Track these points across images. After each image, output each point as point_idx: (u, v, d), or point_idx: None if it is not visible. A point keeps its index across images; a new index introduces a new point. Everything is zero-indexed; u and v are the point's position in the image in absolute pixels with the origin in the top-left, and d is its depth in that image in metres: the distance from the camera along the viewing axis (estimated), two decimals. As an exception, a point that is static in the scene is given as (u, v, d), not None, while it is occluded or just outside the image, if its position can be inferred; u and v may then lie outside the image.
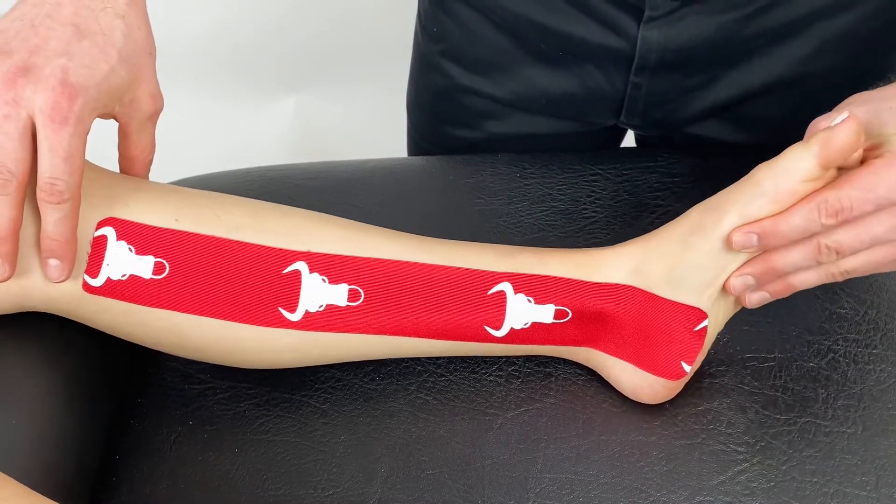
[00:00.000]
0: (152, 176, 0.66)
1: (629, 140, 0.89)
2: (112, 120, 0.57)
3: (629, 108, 0.75)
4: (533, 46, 0.73)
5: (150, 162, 0.60)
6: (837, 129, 0.53)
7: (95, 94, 0.52)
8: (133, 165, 0.59)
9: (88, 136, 0.52)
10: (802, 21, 0.67)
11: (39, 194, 0.52)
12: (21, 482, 0.47)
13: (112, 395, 0.63)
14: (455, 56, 0.78)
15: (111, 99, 0.53)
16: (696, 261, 0.58)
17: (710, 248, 0.57)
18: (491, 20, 0.74)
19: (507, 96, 0.78)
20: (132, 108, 0.56)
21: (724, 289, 0.58)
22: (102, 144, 0.63)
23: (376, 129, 1.43)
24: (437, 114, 0.84)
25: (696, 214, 0.58)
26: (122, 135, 0.58)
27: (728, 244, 0.56)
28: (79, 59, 0.52)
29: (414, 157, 0.82)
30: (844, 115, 0.53)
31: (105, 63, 0.53)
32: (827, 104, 0.73)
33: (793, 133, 0.74)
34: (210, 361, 0.60)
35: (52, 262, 0.54)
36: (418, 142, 0.89)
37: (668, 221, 0.62)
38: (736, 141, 0.77)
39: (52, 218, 0.52)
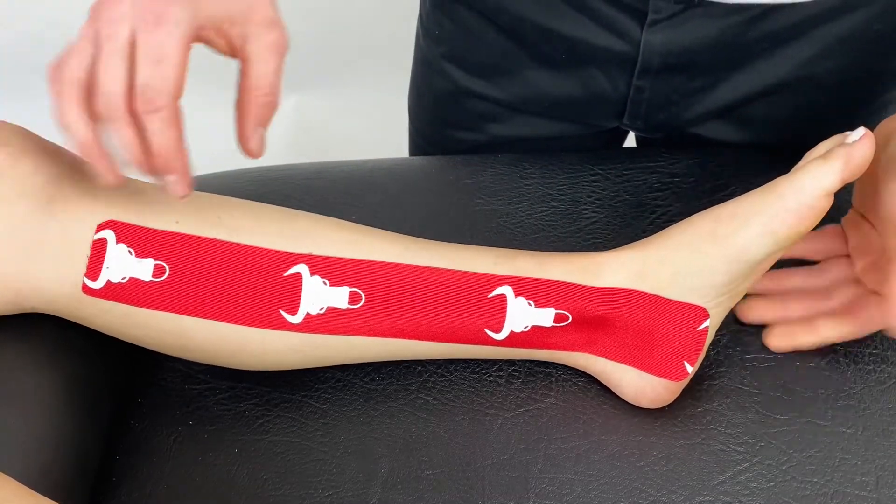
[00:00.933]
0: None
1: (630, 141, 0.89)
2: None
3: (632, 111, 0.75)
4: (535, 49, 0.73)
5: (268, 105, 0.53)
6: (857, 144, 0.55)
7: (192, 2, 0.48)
8: (246, 103, 0.53)
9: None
10: (805, 24, 0.67)
11: (136, 106, 0.49)
12: (21, 482, 0.47)
13: (112, 395, 0.63)
14: (457, 58, 0.78)
15: (218, 8, 0.49)
16: (708, 267, 0.58)
17: (724, 255, 0.57)
18: (493, 23, 0.74)
19: (510, 99, 0.78)
20: (246, 30, 0.51)
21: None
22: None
23: (376, 129, 1.43)
24: (438, 116, 0.84)
25: (707, 222, 0.58)
26: (242, 65, 0.53)
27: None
28: None
29: (414, 158, 0.82)
30: (862, 131, 0.55)
31: None
32: (830, 106, 0.74)
33: (794, 133, 0.74)
34: (211, 363, 0.60)
35: (169, 178, 0.51)
36: (420, 144, 0.89)
37: (668, 221, 0.62)
38: (737, 141, 0.77)
39: (150, 129, 0.49)
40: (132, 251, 0.56)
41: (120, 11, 0.48)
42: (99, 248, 0.55)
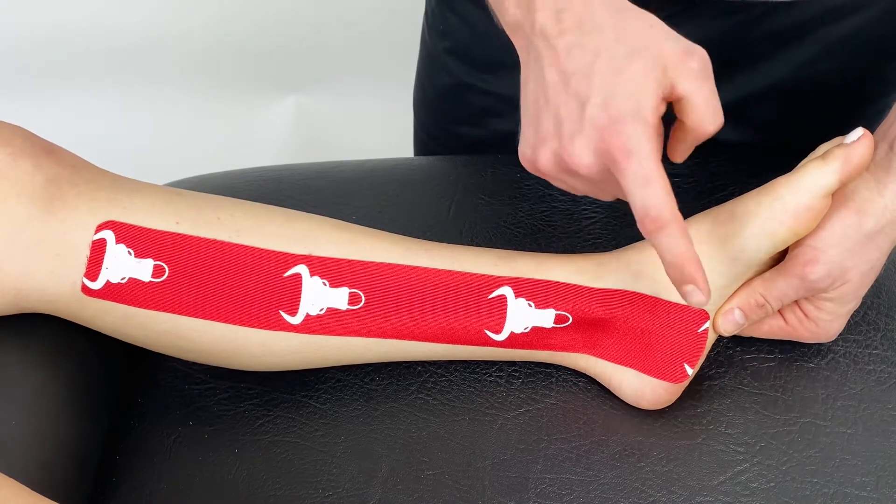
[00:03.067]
0: (152, 175, 0.66)
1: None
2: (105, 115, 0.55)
3: None
4: None
5: (717, 123, 0.52)
6: (855, 145, 0.55)
7: (636, 110, 0.49)
8: (692, 136, 0.53)
9: (88, 138, 0.52)
10: (807, 25, 0.67)
11: (641, 228, 0.50)
12: (21, 482, 0.47)
13: (112, 395, 0.63)
14: (461, 54, 0.78)
15: (655, 97, 0.49)
16: (707, 268, 0.57)
17: (723, 256, 0.58)
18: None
19: (513, 95, 0.78)
20: (673, 77, 0.50)
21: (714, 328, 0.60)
22: (103, 144, 0.63)
23: (376, 129, 1.43)
24: (442, 111, 0.84)
25: (705, 223, 0.58)
26: (676, 105, 0.52)
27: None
28: (601, 95, 0.49)
29: (414, 158, 0.82)
30: (860, 132, 0.55)
31: (623, 78, 0.49)
32: (831, 108, 0.74)
33: (795, 134, 0.74)
34: (211, 364, 0.60)
35: (688, 287, 0.52)
36: (424, 140, 0.89)
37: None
38: (738, 141, 0.77)
39: (660, 245, 0.51)
40: (132, 251, 0.56)
41: (589, 163, 0.50)
42: (98, 249, 0.55)
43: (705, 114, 0.51)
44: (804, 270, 0.57)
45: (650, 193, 0.49)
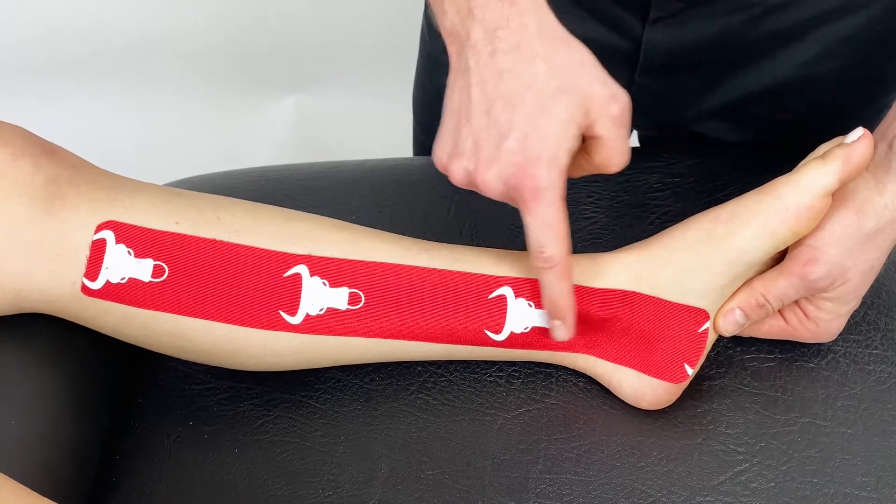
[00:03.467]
0: (152, 175, 0.66)
1: (633, 141, 0.89)
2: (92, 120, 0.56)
3: (634, 109, 0.75)
4: None
5: (621, 165, 0.56)
6: (855, 145, 0.55)
7: (552, 153, 0.52)
8: (591, 170, 0.56)
9: (88, 138, 0.52)
10: (808, 24, 0.67)
11: (532, 259, 0.55)
12: (21, 482, 0.46)
13: (112, 395, 0.63)
14: None
15: (573, 140, 0.52)
16: (709, 268, 0.58)
17: (723, 256, 0.58)
18: None
19: None
20: (592, 119, 0.53)
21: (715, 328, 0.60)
22: (103, 144, 0.63)
23: (376, 129, 1.43)
24: (441, 111, 0.84)
25: (706, 223, 0.58)
26: (589, 141, 0.55)
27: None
28: (522, 130, 0.52)
29: (414, 158, 0.82)
30: (860, 131, 0.55)
31: (546, 118, 0.52)
32: (831, 107, 0.74)
33: (795, 134, 0.74)
34: (210, 364, 0.60)
35: (556, 322, 0.58)
36: (424, 141, 0.89)
37: (668, 222, 0.62)
38: (739, 140, 0.77)
39: (544, 281, 0.56)
40: (131, 251, 0.56)
41: (495, 190, 0.54)
42: (98, 249, 0.55)
43: (613, 156, 0.54)
44: (804, 270, 0.57)
45: (550, 236, 0.54)
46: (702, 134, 0.77)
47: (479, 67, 0.53)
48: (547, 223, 0.53)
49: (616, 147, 0.54)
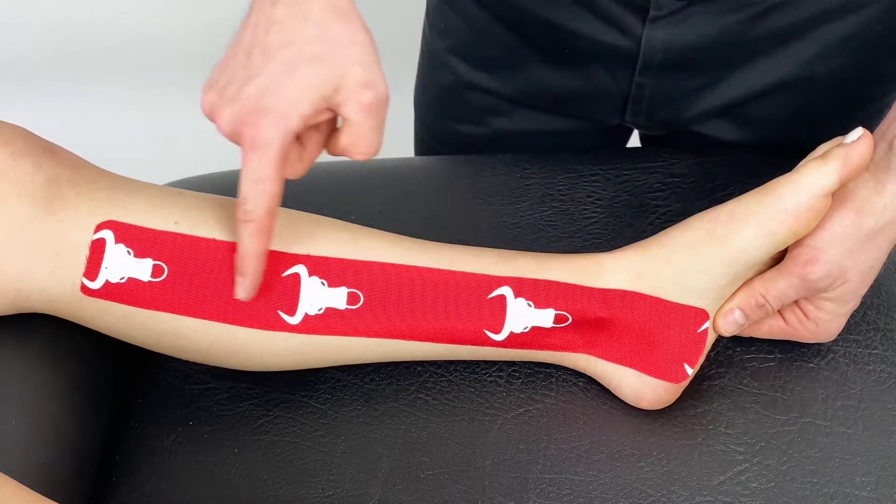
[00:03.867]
0: (152, 175, 0.66)
1: (634, 140, 0.89)
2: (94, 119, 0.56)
3: (633, 108, 0.75)
4: (539, 44, 0.74)
5: (366, 156, 0.55)
6: (855, 145, 0.55)
7: (283, 112, 0.51)
8: (343, 153, 0.56)
9: (88, 138, 0.52)
10: (807, 23, 0.67)
11: (236, 211, 0.54)
12: (21, 482, 0.47)
13: (112, 395, 0.63)
14: (462, 52, 0.78)
15: (310, 99, 0.52)
16: (707, 267, 0.58)
17: (723, 256, 0.57)
18: (498, 17, 0.74)
19: (513, 93, 0.78)
20: (339, 98, 0.53)
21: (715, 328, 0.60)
22: (103, 144, 0.63)
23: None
24: (442, 110, 0.84)
25: (705, 223, 0.58)
26: (343, 122, 0.55)
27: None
28: (266, 80, 0.52)
29: (414, 158, 0.82)
30: (860, 131, 0.55)
31: (292, 77, 0.51)
32: (831, 107, 0.74)
33: (794, 133, 0.74)
34: (210, 364, 0.60)
35: (238, 278, 0.56)
36: (424, 139, 0.89)
37: (668, 222, 0.62)
38: (739, 140, 0.77)
39: (240, 235, 0.55)
40: (131, 251, 0.56)
41: (225, 129, 0.53)
42: (98, 248, 0.55)
43: (358, 143, 0.54)
44: (804, 270, 0.57)
45: (255, 190, 0.53)
46: (702, 134, 0.77)
47: (258, 12, 0.53)
48: (256, 177, 0.52)
49: (361, 134, 0.53)
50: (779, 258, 0.59)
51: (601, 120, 0.79)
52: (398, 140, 1.00)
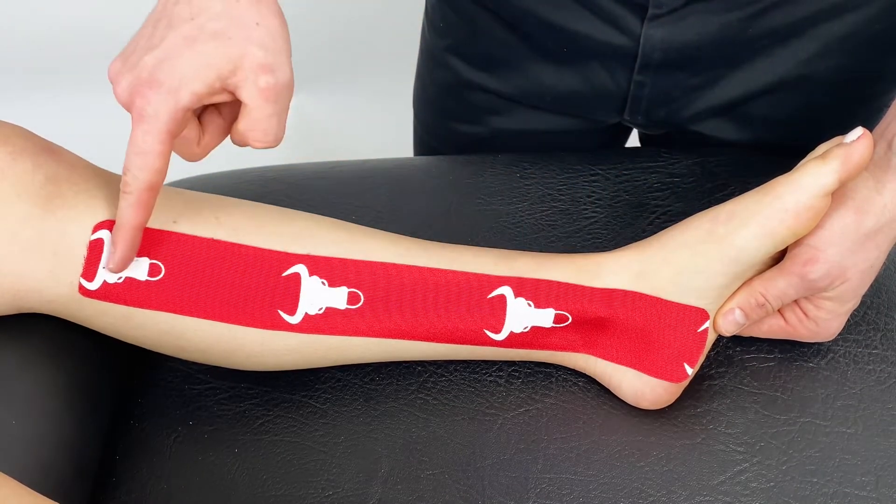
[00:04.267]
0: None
1: (633, 139, 0.89)
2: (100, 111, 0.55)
3: (632, 107, 0.75)
4: (538, 43, 0.74)
5: (265, 146, 0.55)
6: (855, 145, 0.55)
7: (174, 86, 0.51)
8: (243, 142, 0.56)
9: (88, 137, 0.52)
10: (806, 22, 0.67)
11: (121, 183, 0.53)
12: (21, 482, 0.47)
13: (112, 395, 0.63)
14: (460, 51, 0.78)
15: (204, 77, 0.51)
16: (707, 267, 0.58)
17: (723, 255, 0.57)
18: (497, 16, 0.74)
19: (512, 92, 0.78)
20: (237, 79, 0.52)
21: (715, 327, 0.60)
22: (103, 144, 0.63)
23: (376, 129, 1.43)
24: (442, 109, 0.84)
25: (705, 222, 0.58)
26: (241, 107, 0.54)
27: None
28: (164, 53, 0.51)
29: (414, 158, 0.82)
30: (859, 131, 0.55)
31: (189, 51, 0.51)
32: (830, 106, 0.74)
33: (794, 132, 0.74)
34: (210, 363, 0.60)
35: (111, 247, 0.54)
36: (424, 138, 0.89)
37: (668, 221, 0.62)
38: (739, 140, 0.77)
39: (120, 205, 0.53)
40: (129, 251, 0.56)
41: (120, 97, 0.53)
42: (95, 248, 0.55)
43: (255, 129, 0.53)
44: (804, 269, 0.57)
45: (136, 162, 0.52)
46: (701, 133, 0.77)
47: None
48: (139, 149, 0.51)
49: (258, 120, 0.53)
50: (779, 258, 0.59)
51: (600, 119, 0.79)
52: (398, 140, 1.00)
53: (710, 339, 0.60)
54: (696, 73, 0.72)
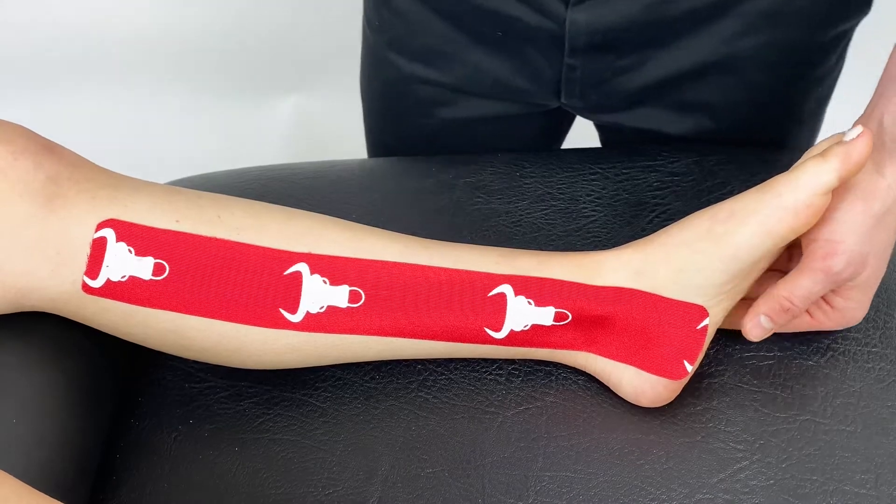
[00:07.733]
0: (153, 173, 0.66)
1: (578, 128, 0.89)
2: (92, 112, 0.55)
3: (567, 90, 0.75)
4: (473, 30, 0.74)
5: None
6: (855, 143, 0.55)
7: None
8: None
9: (88, 137, 0.52)
10: (726, 1, 0.68)
11: None
12: (21, 481, 0.47)
13: (112, 394, 0.63)
14: (399, 46, 0.78)
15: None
16: (707, 266, 0.58)
17: (722, 254, 0.58)
18: (431, 7, 0.74)
19: (454, 82, 0.78)
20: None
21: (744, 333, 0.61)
22: (103, 144, 0.63)
23: (376, 128, 1.42)
24: (388, 105, 0.84)
25: (704, 221, 0.58)
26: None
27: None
28: None
29: (414, 157, 0.82)
30: (859, 129, 0.55)
31: None
32: (762, 86, 0.74)
33: (742, 119, 0.74)
34: (211, 362, 0.60)
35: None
36: (376, 135, 0.89)
37: (667, 220, 0.62)
38: (682, 133, 0.77)
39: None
40: (132, 250, 0.56)
41: None
42: (99, 247, 0.55)
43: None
44: (826, 264, 0.57)
45: None
46: (651, 130, 0.77)
47: None
48: None
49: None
50: (778, 257, 0.60)
51: (542, 103, 0.79)
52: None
53: (710, 336, 0.61)
54: (623, 56, 0.72)
